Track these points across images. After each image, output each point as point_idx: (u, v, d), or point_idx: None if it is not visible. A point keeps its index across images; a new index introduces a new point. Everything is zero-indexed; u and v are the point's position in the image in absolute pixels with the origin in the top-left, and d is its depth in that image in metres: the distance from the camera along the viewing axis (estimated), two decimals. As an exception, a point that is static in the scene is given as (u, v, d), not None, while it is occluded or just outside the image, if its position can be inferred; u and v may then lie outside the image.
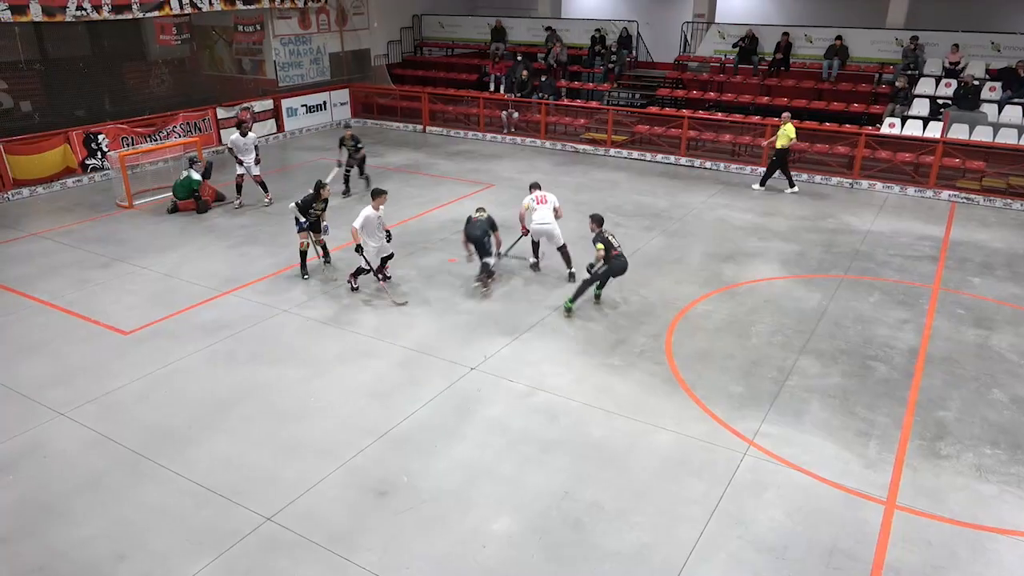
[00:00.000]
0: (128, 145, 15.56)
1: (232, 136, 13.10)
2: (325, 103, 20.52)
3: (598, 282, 9.18)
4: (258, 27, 19.65)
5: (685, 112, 17.47)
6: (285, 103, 19.35)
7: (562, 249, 9.95)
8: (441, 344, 8.43)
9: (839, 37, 17.85)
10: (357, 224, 9.15)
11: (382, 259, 9.76)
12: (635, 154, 17.33)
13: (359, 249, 9.22)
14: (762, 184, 14.69)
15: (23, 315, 9.20)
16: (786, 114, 14.30)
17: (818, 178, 15.38)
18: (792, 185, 14.50)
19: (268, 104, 18.99)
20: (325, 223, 10.11)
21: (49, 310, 9.32)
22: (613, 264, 8.92)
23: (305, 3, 19.99)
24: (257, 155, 13.18)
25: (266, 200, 13.34)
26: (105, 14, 15.53)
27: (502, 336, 8.63)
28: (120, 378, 7.74)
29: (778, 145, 14.15)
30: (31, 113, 17.33)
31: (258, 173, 13.24)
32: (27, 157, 14.27)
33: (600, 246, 8.79)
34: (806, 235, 12.08)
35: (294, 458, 6.48)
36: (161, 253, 11.16)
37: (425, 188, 14.61)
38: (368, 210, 9.26)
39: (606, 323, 8.95)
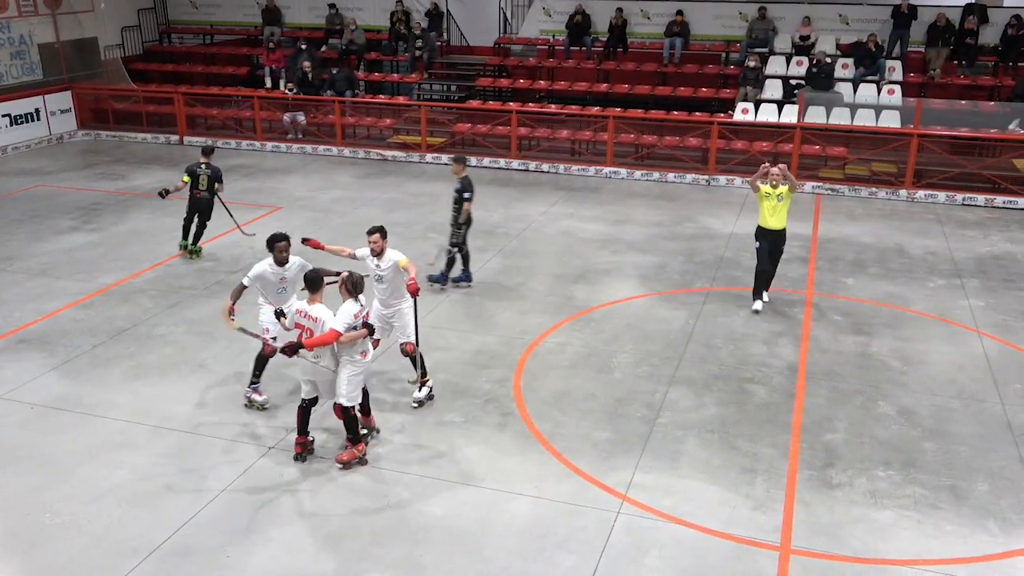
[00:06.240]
0: None
1: None
2: (39, 111, 19.20)
3: None
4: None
5: (512, 105, 18.01)
6: (-22, 113, 17.85)
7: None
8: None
9: (680, 12, 19.27)
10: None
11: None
12: (457, 159, 17.61)
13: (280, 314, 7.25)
14: None
15: None
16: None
17: (671, 176, 16.48)
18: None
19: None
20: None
21: None
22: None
23: (-2, -22, 18.64)
24: None
25: None
26: None
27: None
28: None
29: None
30: None
31: None
32: None
33: None
34: (664, 244, 12.86)
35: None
36: None
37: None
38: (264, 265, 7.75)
39: (441, 371, 8.93)
